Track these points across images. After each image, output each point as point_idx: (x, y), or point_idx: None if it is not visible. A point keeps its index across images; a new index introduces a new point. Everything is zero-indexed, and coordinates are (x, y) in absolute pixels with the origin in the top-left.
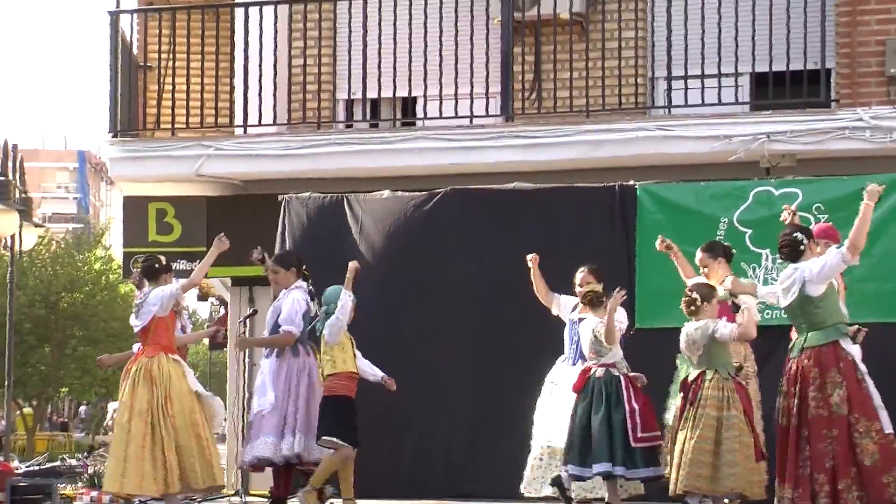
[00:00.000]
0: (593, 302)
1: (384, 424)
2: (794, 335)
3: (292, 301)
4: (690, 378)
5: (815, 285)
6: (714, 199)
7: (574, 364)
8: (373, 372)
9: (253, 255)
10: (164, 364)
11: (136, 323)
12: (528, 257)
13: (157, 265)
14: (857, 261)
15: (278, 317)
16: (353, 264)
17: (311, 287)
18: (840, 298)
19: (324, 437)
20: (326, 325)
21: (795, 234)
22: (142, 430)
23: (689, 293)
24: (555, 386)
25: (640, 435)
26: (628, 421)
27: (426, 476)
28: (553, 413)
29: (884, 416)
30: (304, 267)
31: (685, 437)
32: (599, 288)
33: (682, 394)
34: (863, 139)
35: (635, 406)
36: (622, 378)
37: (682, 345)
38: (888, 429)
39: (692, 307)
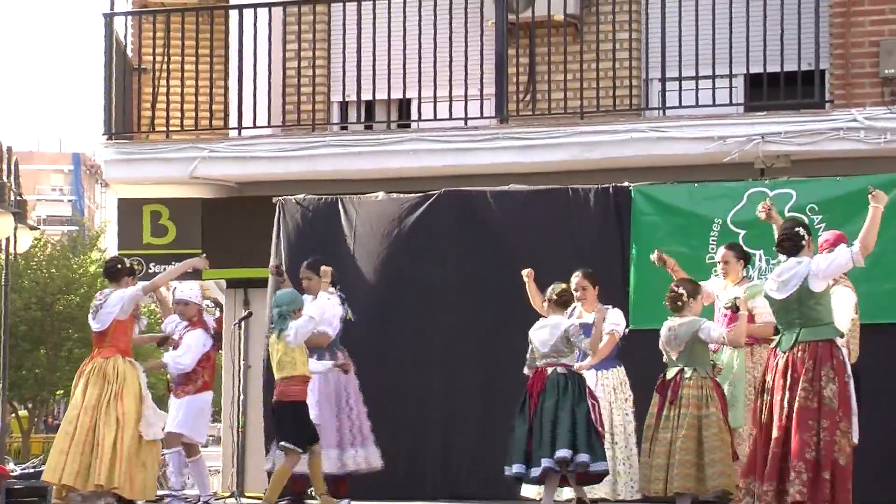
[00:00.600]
0: (568, 302)
1: (382, 425)
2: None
3: (330, 305)
4: (669, 376)
5: (820, 281)
6: (708, 200)
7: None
8: (321, 364)
9: (270, 267)
10: (120, 365)
11: (94, 325)
12: (524, 273)
13: (118, 266)
14: (863, 263)
15: None
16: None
17: (340, 293)
18: (853, 306)
19: (282, 444)
20: (294, 325)
21: (797, 229)
22: (87, 425)
23: (675, 289)
24: None
25: (599, 429)
26: (592, 413)
27: (424, 477)
28: None
29: (855, 423)
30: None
31: (670, 438)
32: (570, 288)
33: (658, 393)
34: (857, 140)
35: (596, 401)
36: (579, 376)
37: (662, 339)
38: (855, 438)
39: (678, 303)
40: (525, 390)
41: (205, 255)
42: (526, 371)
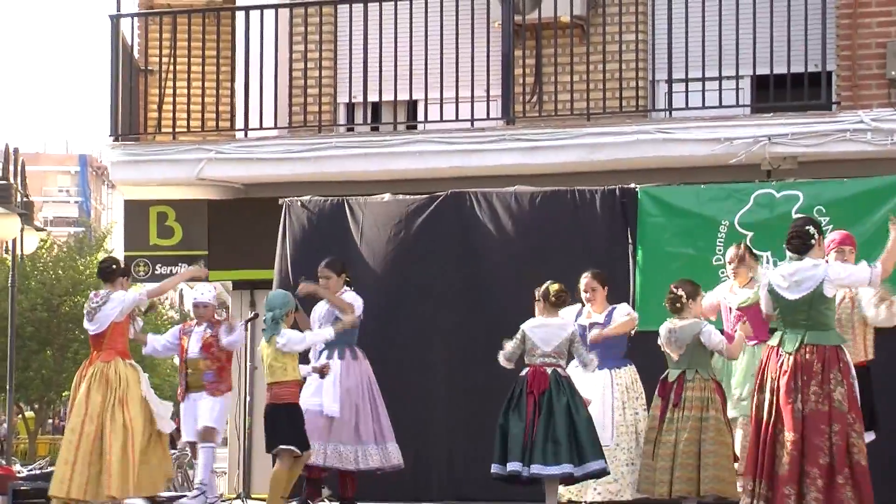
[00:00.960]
0: (564, 303)
1: None
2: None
3: (354, 297)
4: (670, 379)
5: (833, 288)
6: (715, 202)
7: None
8: (302, 369)
9: (300, 289)
10: (122, 369)
11: (91, 327)
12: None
13: (113, 266)
14: (879, 286)
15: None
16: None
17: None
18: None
19: (282, 447)
20: (288, 335)
21: (807, 227)
22: (92, 434)
23: (674, 290)
24: None
25: None
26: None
27: (429, 478)
28: None
29: None
30: (345, 273)
31: (674, 441)
32: (564, 288)
33: (660, 396)
34: (864, 141)
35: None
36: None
37: (662, 340)
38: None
39: (677, 304)
40: (517, 387)
41: (202, 262)
42: (503, 362)
